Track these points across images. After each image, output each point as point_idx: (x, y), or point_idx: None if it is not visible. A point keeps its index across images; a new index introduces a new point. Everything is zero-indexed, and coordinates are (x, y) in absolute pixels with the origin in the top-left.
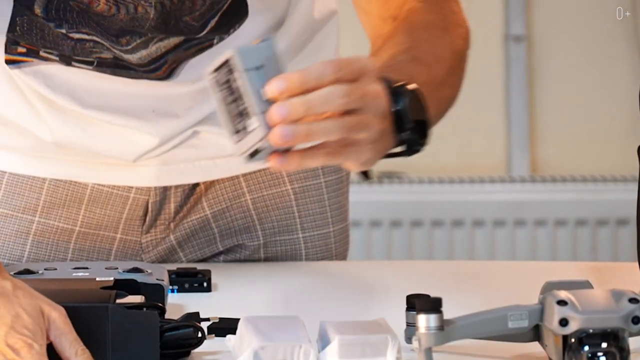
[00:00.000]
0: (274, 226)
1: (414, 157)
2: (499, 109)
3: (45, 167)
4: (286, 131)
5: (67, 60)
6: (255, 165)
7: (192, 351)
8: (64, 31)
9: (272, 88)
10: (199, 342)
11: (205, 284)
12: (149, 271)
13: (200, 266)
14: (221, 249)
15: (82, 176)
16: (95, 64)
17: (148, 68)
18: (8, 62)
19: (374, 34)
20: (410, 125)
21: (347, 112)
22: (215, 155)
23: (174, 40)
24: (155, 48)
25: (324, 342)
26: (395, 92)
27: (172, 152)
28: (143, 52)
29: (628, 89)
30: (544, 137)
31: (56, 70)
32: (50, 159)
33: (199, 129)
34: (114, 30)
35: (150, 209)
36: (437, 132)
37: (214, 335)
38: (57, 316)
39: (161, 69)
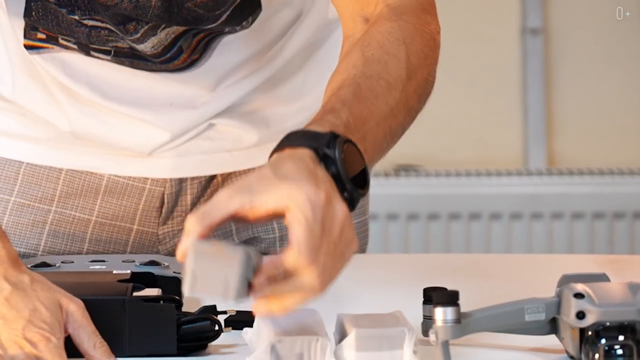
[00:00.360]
0: None
1: (431, 150)
2: (516, 102)
3: (62, 157)
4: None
5: (85, 49)
6: None
7: (209, 344)
8: (77, 17)
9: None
10: (216, 335)
11: None
12: (166, 264)
13: None
14: (237, 241)
15: (98, 167)
16: (112, 53)
17: (164, 58)
18: (27, 47)
19: (344, 34)
20: (349, 185)
21: None
22: (232, 148)
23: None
24: (165, 34)
25: (341, 335)
26: (325, 157)
27: (188, 144)
28: (154, 40)
29: None
30: (561, 130)
31: (75, 59)
32: (67, 149)
33: (215, 121)
34: (119, 17)
35: (166, 200)
36: (454, 125)
37: (230, 328)
38: (76, 309)
39: (178, 58)
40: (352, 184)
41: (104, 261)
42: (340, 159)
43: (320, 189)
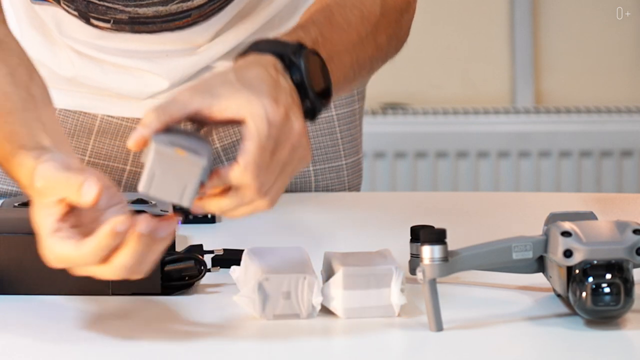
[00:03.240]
0: None
1: (418, 88)
2: (504, 40)
3: (55, 97)
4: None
5: (85, 17)
6: None
7: (196, 283)
8: None
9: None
10: (201, 274)
11: (209, 216)
12: (153, 202)
13: None
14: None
15: (92, 107)
16: (112, 22)
17: (165, 19)
18: None
19: None
20: (312, 94)
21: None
22: None
23: (198, 1)
24: (176, 7)
25: (328, 273)
26: (290, 64)
27: (183, 86)
28: (160, 8)
29: (634, 19)
30: (549, 68)
31: (76, 24)
32: (61, 89)
33: (214, 64)
34: None
35: None
36: (442, 64)
37: (218, 267)
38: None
39: (181, 21)
40: (314, 93)
41: None
42: (306, 67)
43: (280, 104)
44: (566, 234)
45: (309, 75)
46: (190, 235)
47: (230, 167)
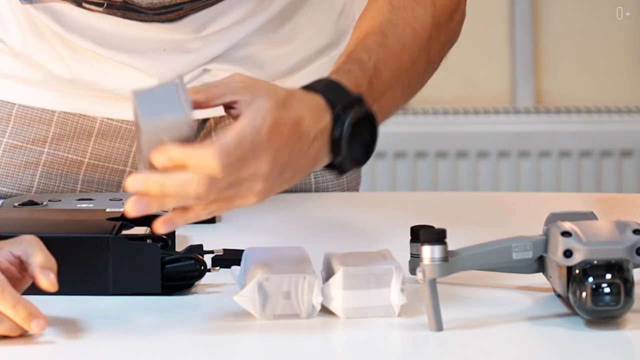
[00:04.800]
0: None
1: None
2: (504, 40)
3: (55, 99)
4: (140, 206)
5: (77, 0)
6: None
7: (196, 283)
8: None
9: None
10: (201, 274)
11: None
12: None
13: None
14: None
15: (91, 110)
16: (105, 5)
17: (158, 11)
18: None
19: None
20: (345, 153)
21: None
22: None
23: None
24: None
25: (328, 273)
26: (337, 117)
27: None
28: (154, 0)
29: (634, 19)
30: (549, 68)
31: (67, 9)
32: (60, 92)
33: (209, 67)
34: None
35: None
36: (442, 64)
37: (218, 267)
38: (29, 239)
39: (172, 14)
40: (350, 156)
41: (91, 199)
42: (349, 126)
43: (295, 128)
44: (566, 234)
45: (349, 136)
46: (190, 235)
47: (202, 145)
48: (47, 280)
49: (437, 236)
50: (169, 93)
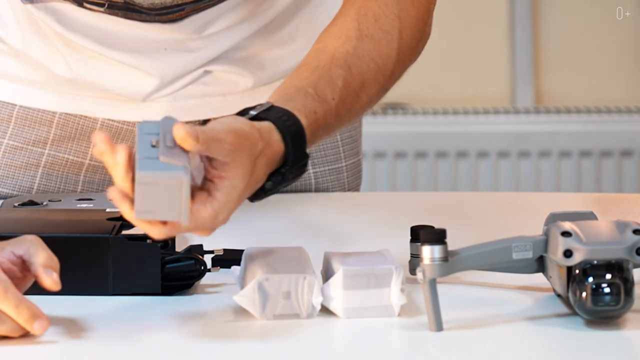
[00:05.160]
0: None
1: (419, 88)
2: (504, 40)
3: (56, 100)
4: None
5: (78, 0)
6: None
7: (196, 283)
8: None
9: None
10: (201, 274)
11: None
12: None
13: None
14: None
15: (92, 111)
16: (106, 6)
17: (159, 12)
18: None
19: None
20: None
21: None
22: (227, 92)
23: None
24: (171, 0)
25: (328, 273)
26: (283, 173)
27: (183, 90)
28: (155, 1)
29: (634, 19)
30: (549, 68)
31: (69, 9)
32: (61, 92)
33: (210, 68)
34: None
35: None
36: (442, 63)
37: (218, 267)
38: (30, 238)
39: (174, 14)
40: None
41: (91, 200)
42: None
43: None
44: (566, 234)
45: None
46: (190, 235)
47: (208, 196)
48: (51, 279)
49: (437, 236)
50: (172, 189)
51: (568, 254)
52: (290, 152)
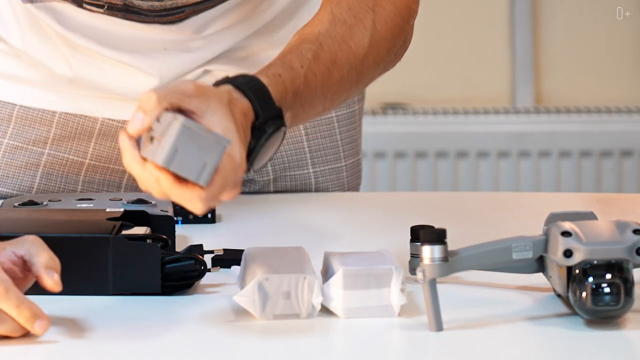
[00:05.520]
0: (284, 161)
1: (418, 88)
2: (504, 40)
3: (56, 100)
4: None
5: (78, 1)
6: None
7: (196, 283)
8: None
9: None
10: (201, 274)
11: (209, 215)
12: (153, 202)
13: None
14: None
15: (92, 110)
16: (105, 7)
17: (159, 14)
18: None
19: None
20: (252, 160)
21: None
22: None
23: None
24: (170, 3)
25: (328, 273)
26: (257, 129)
27: (183, 80)
28: (155, 3)
29: (634, 19)
30: (549, 68)
31: (68, 9)
32: (61, 92)
33: (210, 67)
34: None
35: None
36: (442, 64)
37: (218, 267)
38: (31, 239)
39: (173, 16)
40: (253, 163)
41: (91, 199)
42: (260, 145)
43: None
44: (566, 234)
45: (259, 148)
46: (190, 235)
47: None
48: (52, 280)
49: (437, 236)
50: (208, 152)
51: (568, 253)
52: (256, 105)
